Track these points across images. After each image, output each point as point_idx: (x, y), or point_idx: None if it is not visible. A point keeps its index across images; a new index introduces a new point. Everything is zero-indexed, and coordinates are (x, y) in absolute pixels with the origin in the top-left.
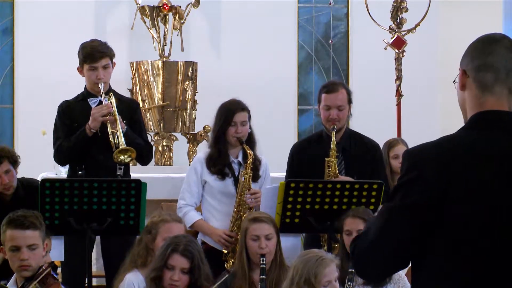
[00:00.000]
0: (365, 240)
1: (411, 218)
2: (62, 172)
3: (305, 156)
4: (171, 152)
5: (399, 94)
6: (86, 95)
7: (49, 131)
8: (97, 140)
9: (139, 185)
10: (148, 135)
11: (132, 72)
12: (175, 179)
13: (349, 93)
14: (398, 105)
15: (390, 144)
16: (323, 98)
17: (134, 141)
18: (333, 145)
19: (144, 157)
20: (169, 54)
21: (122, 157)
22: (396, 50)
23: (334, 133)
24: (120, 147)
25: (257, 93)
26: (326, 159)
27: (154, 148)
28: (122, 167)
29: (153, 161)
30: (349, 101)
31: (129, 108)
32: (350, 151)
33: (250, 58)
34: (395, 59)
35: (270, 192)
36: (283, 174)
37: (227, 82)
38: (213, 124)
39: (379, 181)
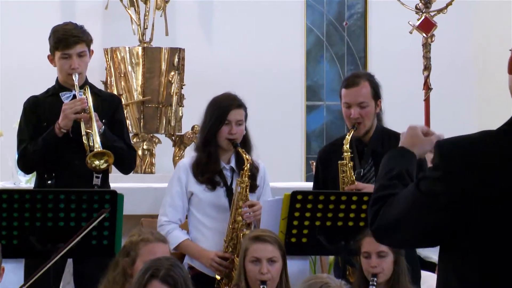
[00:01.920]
0: (389, 212)
1: (434, 212)
2: (22, 181)
3: (330, 163)
4: (153, 157)
5: (427, 87)
6: (57, 88)
7: (7, 133)
8: (71, 142)
9: (115, 198)
10: None
11: (106, 61)
12: (158, 190)
13: (374, 87)
14: (427, 100)
15: None
16: (342, 93)
17: (112, 143)
18: (346, 145)
19: (125, 164)
20: (151, 39)
21: (97, 162)
22: (424, 35)
23: (352, 131)
24: (95, 150)
25: (256, 86)
26: (339, 162)
27: None
28: (100, 175)
29: None
30: (376, 96)
31: (109, 105)
32: (382, 154)
33: (248, 44)
34: (422, 45)
35: (272, 206)
36: (287, 184)
37: (220, 73)
38: (202, 122)
39: None
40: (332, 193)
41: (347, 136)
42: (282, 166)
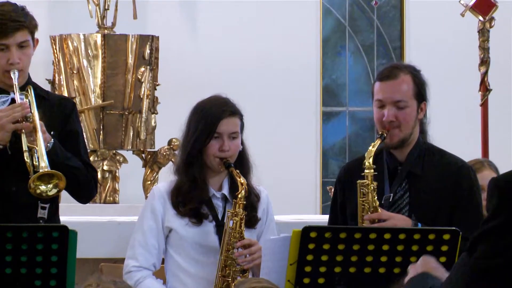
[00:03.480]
0: None
1: (500, 283)
2: None
3: (353, 185)
4: (117, 181)
5: (485, 87)
6: None
7: None
8: (8, 161)
9: (66, 235)
10: None
11: (54, 53)
12: (123, 225)
13: (418, 84)
14: (484, 105)
15: None
16: (375, 88)
17: (64, 162)
18: (368, 159)
19: (83, 189)
20: (114, 24)
21: (43, 187)
22: (481, 18)
23: (379, 140)
24: (41, 170)
25: (256, 87)
26: (359, 182)
27: None
28: (47, 205)
29: None
30: (419, 97)
31: (59, 112)
32: (421, 177)
33: (244, 31)
34: (478, 31)
35: (277, 247)
36: (297, 218)
37: (207, 70)
38: (184, 135)
39: (453, 228)
40: (357, 229)
41: (370, 148)
42: (291, 193)
